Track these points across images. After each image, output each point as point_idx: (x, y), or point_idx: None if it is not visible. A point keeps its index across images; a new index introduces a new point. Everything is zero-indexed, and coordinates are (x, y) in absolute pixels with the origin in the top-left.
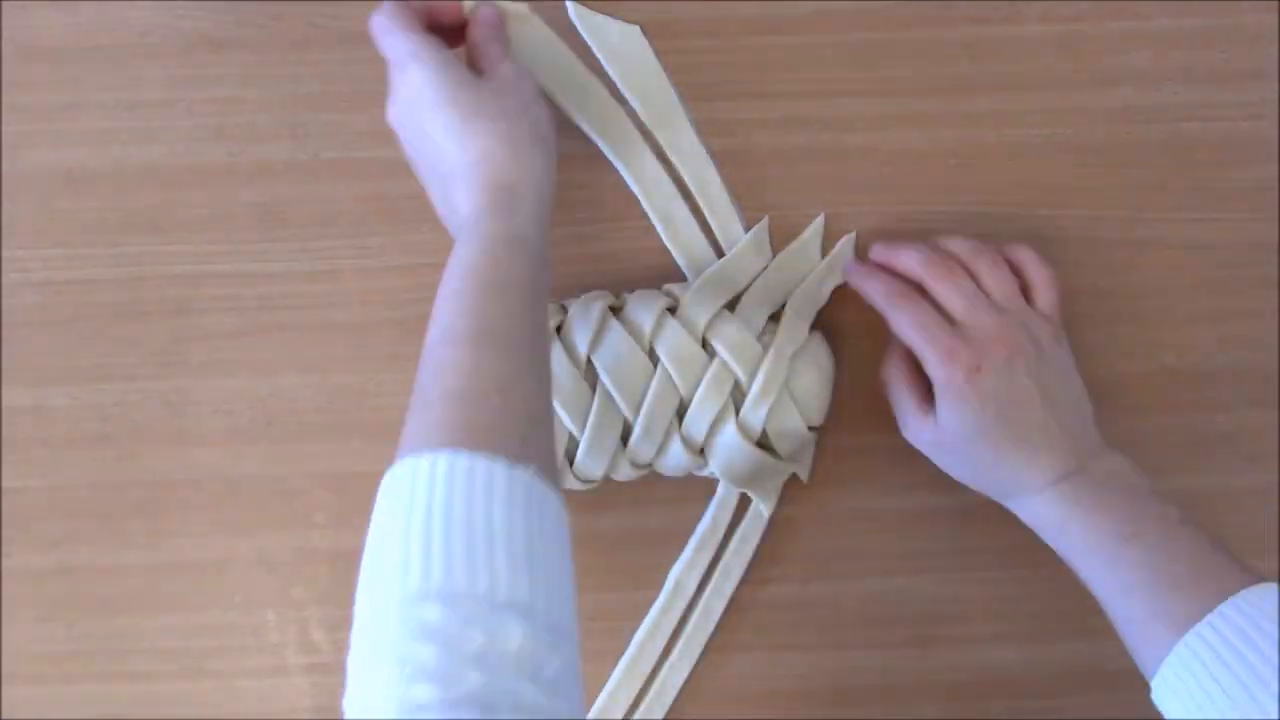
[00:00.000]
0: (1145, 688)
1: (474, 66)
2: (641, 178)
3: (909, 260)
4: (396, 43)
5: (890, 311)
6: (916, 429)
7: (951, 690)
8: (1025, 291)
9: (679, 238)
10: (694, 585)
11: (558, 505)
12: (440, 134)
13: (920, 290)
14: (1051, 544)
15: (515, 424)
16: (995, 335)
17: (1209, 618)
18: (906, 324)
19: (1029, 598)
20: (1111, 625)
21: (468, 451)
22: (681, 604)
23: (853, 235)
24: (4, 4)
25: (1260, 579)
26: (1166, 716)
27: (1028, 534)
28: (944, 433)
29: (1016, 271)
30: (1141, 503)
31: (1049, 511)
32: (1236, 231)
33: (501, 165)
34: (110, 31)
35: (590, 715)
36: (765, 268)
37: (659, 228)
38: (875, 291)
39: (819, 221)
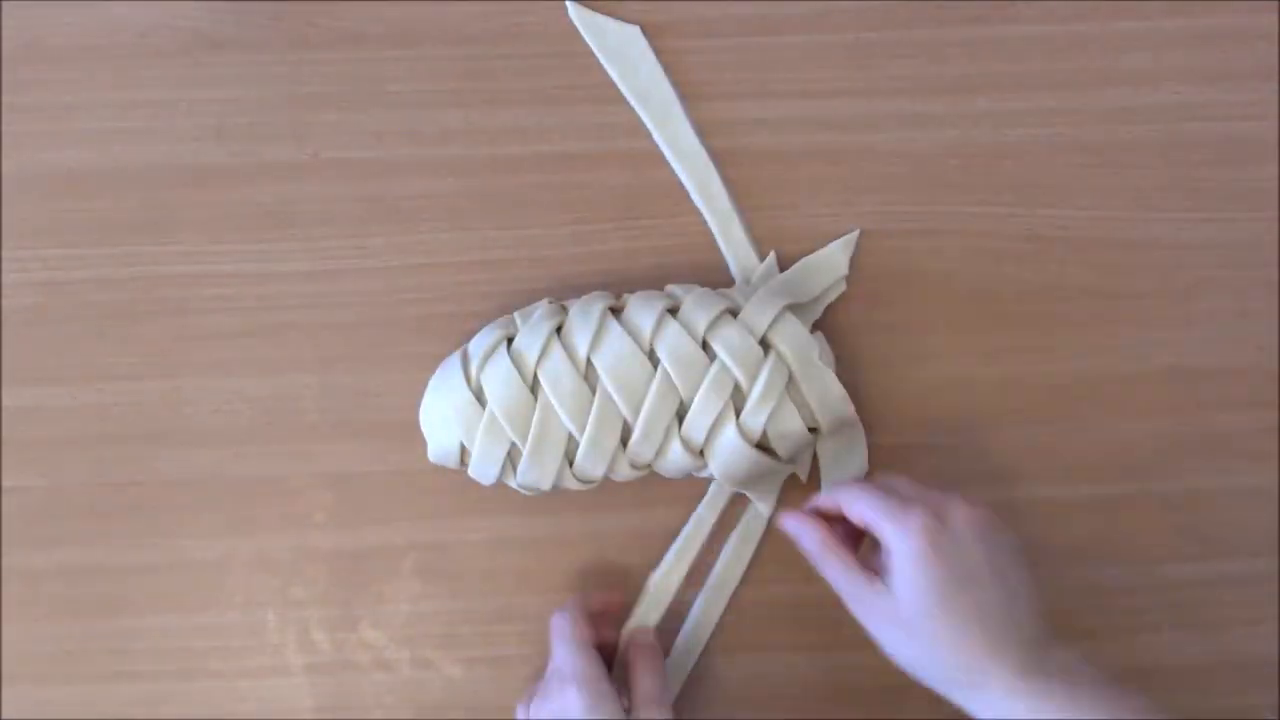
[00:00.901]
0: (1145, 687)
1: (625, 677)
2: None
3: (824, 500)
4: (569, 657)
5: (836, 497)
6: (869, 602)
7: None
8: None
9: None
10: (674, 587)
11: None
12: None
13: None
14: None
15: None
16: (950, 499)
17: None
18: (856, 499)
19: None
20: (1110, 627)
21: None
22: (664, 605)
23: (855, 234)
24: (4, 4)
25: None
26: None
27: (1027, 534)
28: (901, 606)
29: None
30: (1110, 698)
31: (1015, 708)
32: (1236, 231)
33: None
34: (110, 31)
35: None
36: (837, 279)
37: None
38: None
39: (853, 236)
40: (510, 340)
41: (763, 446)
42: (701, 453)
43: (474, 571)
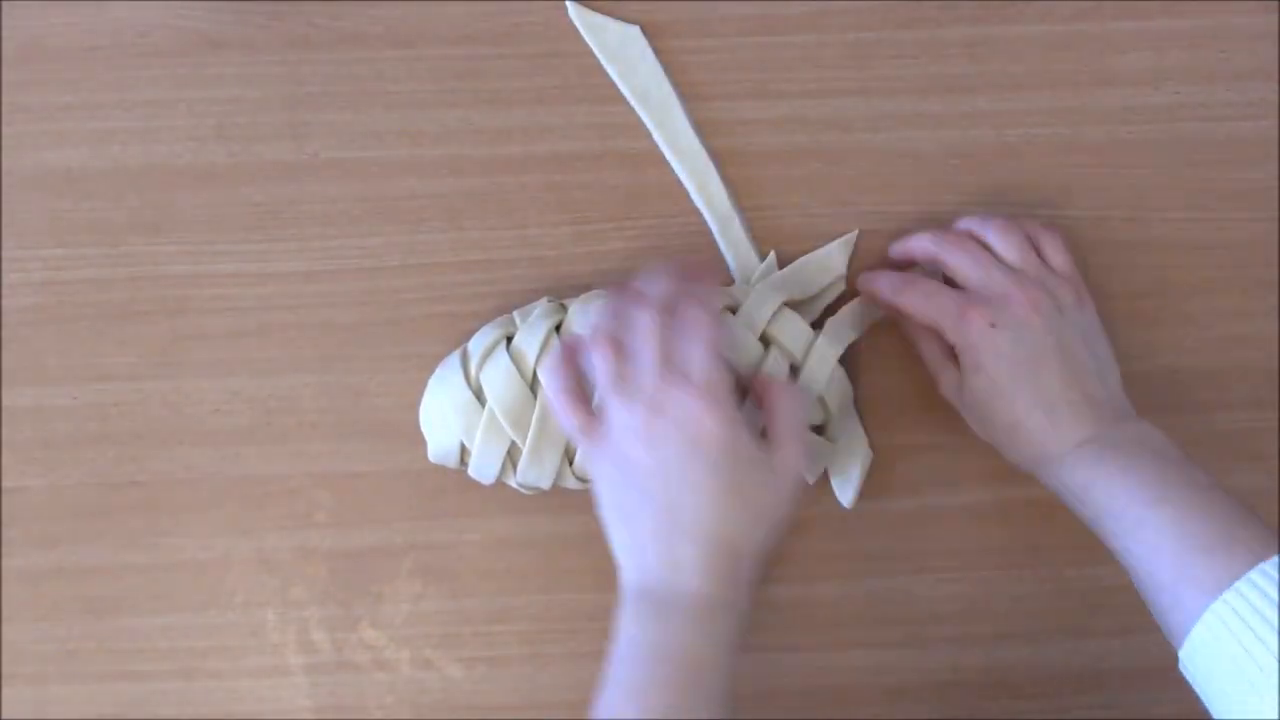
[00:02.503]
0: (1145, 687)
1: (758, 408)
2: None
3: (920, 242)
4: (698, 356)
5: (899, 298)
6: (946, 386)
7: (951, 690)
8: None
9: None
10: None
11: None
12: (705, 495)
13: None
14: (1075, 509)
15: None
16: (1011, 292)
17: (1239, 584)
18: (917, 302)
19: (1029, 598)
20: (1110, 627)
21: None
22: None
23: (854, 235)
24: (4, 4)
25: None
26: (1195, 683)
27: (1027, 534)
28: (969, 392)
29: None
30: (1169, 467)
31: (1072, 476)
32: (1236, 231)
33: (747, 551)
34: (110, 31)
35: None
36: (836, 279)
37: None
38: (882, 287)
39: (851, 236)
40: (510, 339)
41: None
42: None
43: (474, 571)
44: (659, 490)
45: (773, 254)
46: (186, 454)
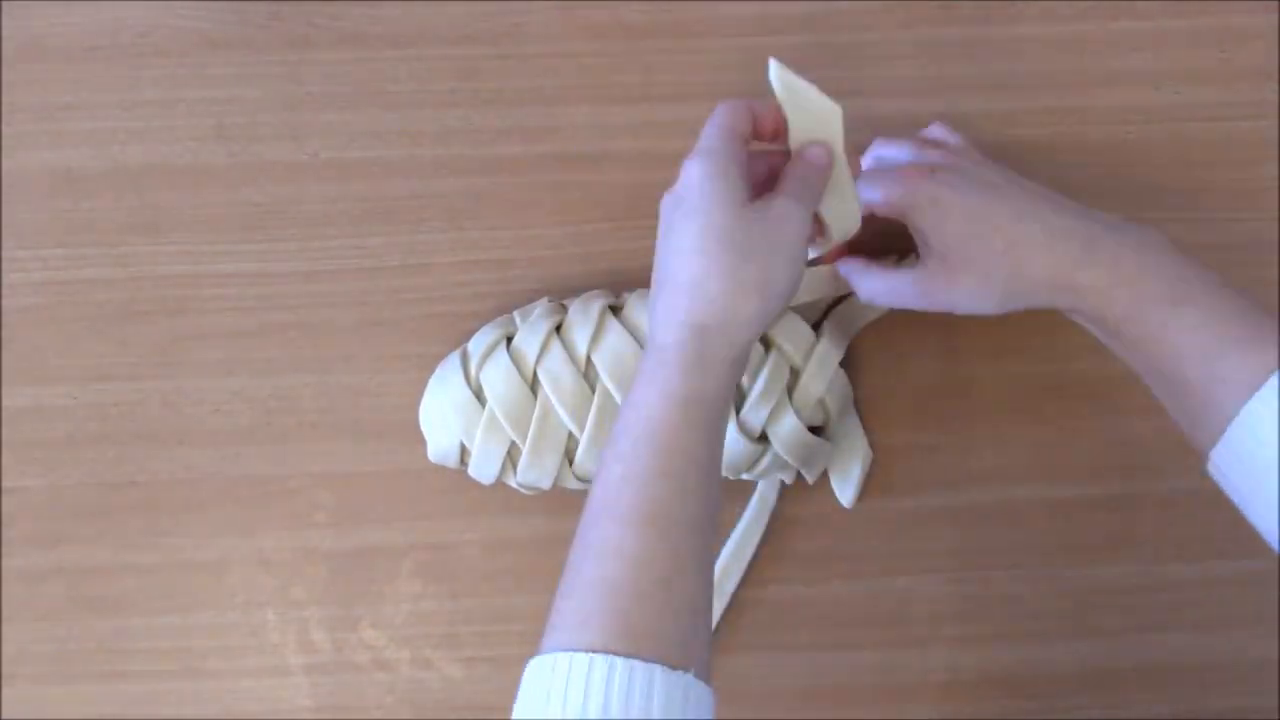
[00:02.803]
0: (1145, 687)
1: (764, 179)
2: None
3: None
4: (708, 131)
5: (871, 196)
6: (922, 281)
7: (951, 690)
8: None
9: None
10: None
11: (711, 701)
12: (677, 238)
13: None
14: (1092, 323)
15: (677, 623)
16: (933, 154)
17: (1275, 378)
18: (875, 192)
19: (1029, 598)
20: (1110, 627)
21: (625, 658)
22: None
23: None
24: (4, 4)
25: None
26: (1228, 485)
27: (1027, 534)
28: (942, 256)
29: None
30: (1184, 266)
31: (1090, 283)
32: (1236, 231)
33: (708, 302)
34: (110, 31)
35: None
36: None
37: None
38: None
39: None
40: (510, 339)
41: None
42: None
43: (474, 571)
44: (658, 254)
45: None
46: (186, 454)
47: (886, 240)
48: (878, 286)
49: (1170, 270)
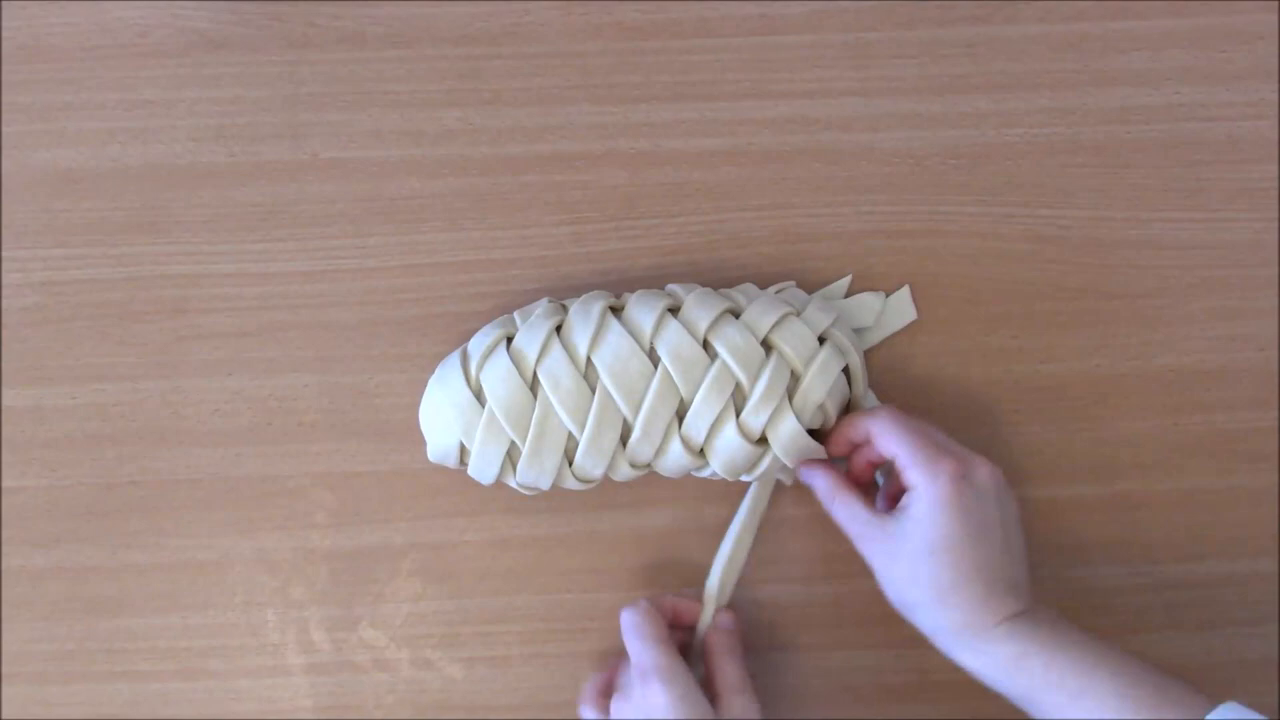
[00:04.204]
0: None
1: (707, 678)
2: None
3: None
4: (644, 653)
5: (872, 424)
6: (878, 541)
7: (951, 690)
8: None
9: None
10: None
11: None
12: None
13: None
14: (1000, 686)
15: None
16: (977, 458)
17: None
18: (889, 432)
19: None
20: (1110, 627)
21: None
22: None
23: (847, 279)
24: (4, 4)
25: (1220, 702)
26: None
27: (1027, 534)
28: (908, 542)
29: None
30: (1092, 642)
31: (1002, 648)
32: (1236, 231)
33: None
34: (110, 31)
35: None
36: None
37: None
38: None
39: (844, 282)
40: (510, 339)
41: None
42: (701, 452)
43: (474, 571)
44: None
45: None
46: (186, 454)
47: None
48: (843, 513)
49: (1083, 644)
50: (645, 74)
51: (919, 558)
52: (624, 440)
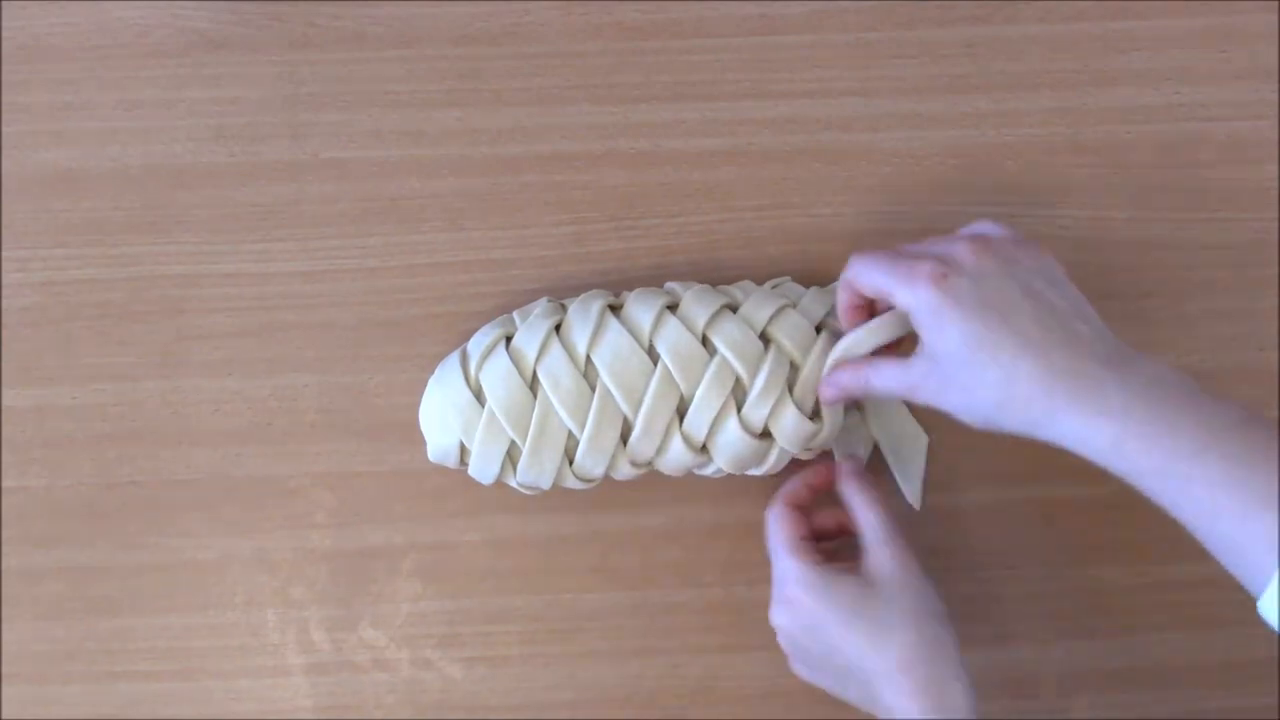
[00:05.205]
0: (1144, 687)
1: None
2: None
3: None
4: (776, 563)
5: (849, 272)
6: (903, 374)
7: None
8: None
9: None
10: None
11: None
12: (853, 649)
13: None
14: (1107, 466)
15: None
16: (956, 246)
17: None
18: (866, 269)
19: (1029, 598)
20: (1110, 627)
21: None
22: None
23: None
24: (4, 4)
25: None
26: (1275, 627)
27: (1027, 534)
28: (939, 362)
29: None
30: (1201, 408)
31: (1095, 432)
32: (1236, 231)
33: (924, 668)
34: (110, 31)
35: None
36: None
37: None
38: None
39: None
40: (509, 339)
41: (765, 435)
42: (703, 448)
43: (474, 571)
44: (831, 662)
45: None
46: (186, 454)
47: None
48: (880, 378)
49: (1185, 417)
50: (645, 74)
51: (958, 371)
52: (624, 439)
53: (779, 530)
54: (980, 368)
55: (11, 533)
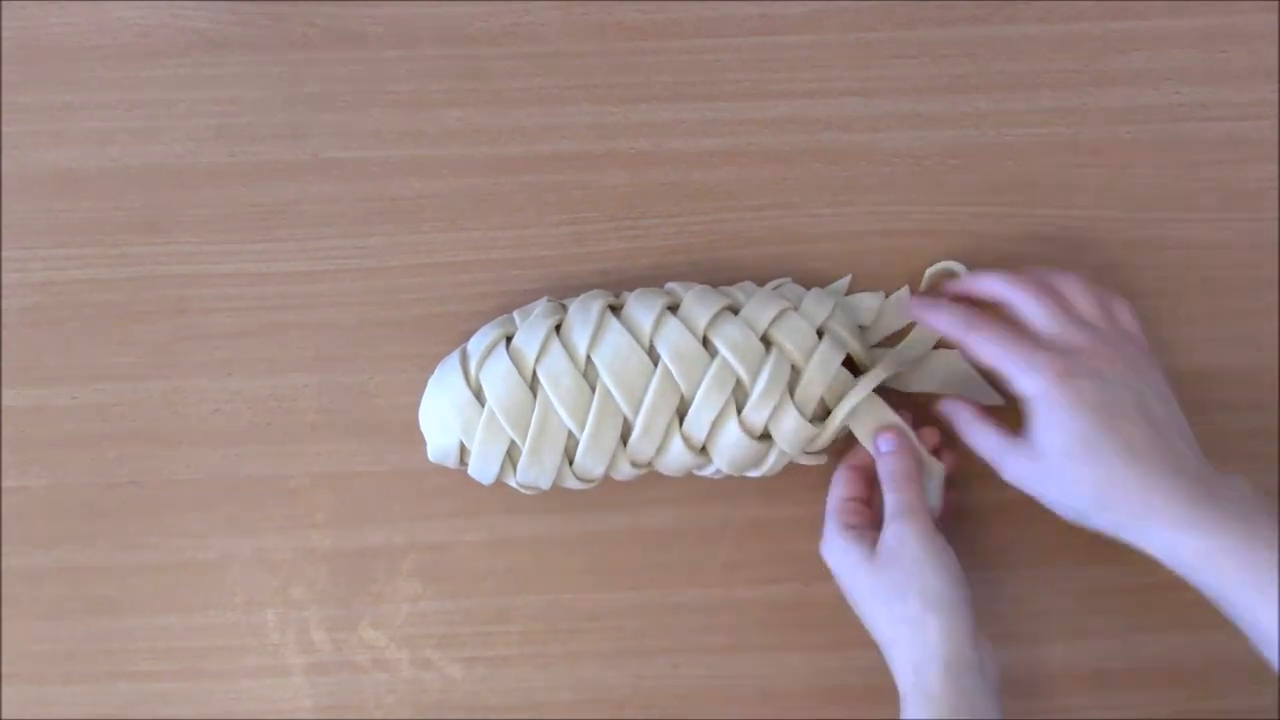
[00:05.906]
0: (1145, 687)
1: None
2: None
3: (991, 283)
4: (825, 523)
5: (968, 336)
6: (1014, 459)
7: None
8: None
9: None
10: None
11: None
12: (858, 609)
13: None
14: (1194, 581)
15: None
16: (1088, 345)
17: None
18: (986, 343)
19: (1029, 598)
20: (1110, 627)
21: None
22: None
23: (847, 279)
24: (4, 4)
25: None
26: None
27: (1027, 534)
28: (1044, 454)
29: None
30: None
31: (1190, 543)
32: (1236, 231)
33: (906, 648)
34: (110, 31)
35: None
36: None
37: None
38: (947, 322)
39: (844, 282)
40: (509, 339)
41: (765, 438)
42: (703, 449)
43: (474, 571)
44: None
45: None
46: (186, 454)
47: None
48: (980, 441)
49: (1267, 537)
50: (645, 74)
51: (1062, 466)
52: (624, 439)
53: (832, 490)
54: (1081, 465)
55: (11, 533)
